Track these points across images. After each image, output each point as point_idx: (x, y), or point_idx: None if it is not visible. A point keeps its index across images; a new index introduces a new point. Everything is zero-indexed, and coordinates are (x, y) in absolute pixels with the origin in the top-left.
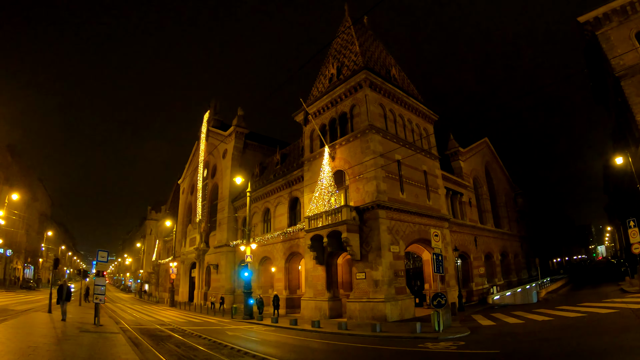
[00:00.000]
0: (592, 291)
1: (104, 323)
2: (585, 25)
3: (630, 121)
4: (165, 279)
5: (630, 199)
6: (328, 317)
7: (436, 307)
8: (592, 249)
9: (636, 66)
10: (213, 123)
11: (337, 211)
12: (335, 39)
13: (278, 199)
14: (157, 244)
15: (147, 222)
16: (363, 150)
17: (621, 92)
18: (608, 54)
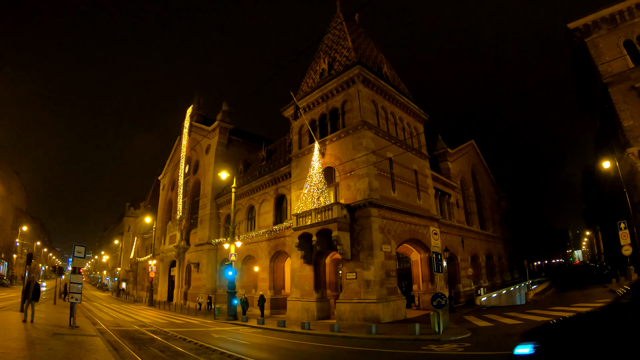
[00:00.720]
0: (579, 293)
1: (80, 324)
2: (575, 32)
3: (616, 127)
4: (144, 278)
5: (610, 204)
6: (316, 318)
7: (436, 307)
8: (569, 253)
9: (623, 73)
10: (196, 118)
11: (328, 209)
12: (326, 35)
13: (263, 196)
14: (136, 242)
15: (126, 219)
16: (355, 147)
17: (608, 98)
18: (596, 61)
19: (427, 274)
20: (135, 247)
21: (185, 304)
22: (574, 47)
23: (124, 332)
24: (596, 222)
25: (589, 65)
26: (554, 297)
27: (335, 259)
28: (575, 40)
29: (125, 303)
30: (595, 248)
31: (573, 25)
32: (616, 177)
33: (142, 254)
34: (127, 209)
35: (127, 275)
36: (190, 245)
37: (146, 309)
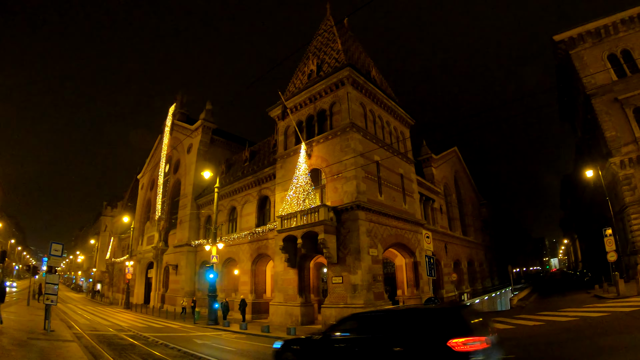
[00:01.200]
0: (563, 299)
1: (56, 328)
2: (560, 44)
3: (598, 137)
4: (120, 279)
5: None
6: (300, 323)
7: None
8: (546, 261)
9: (607, 86)
10: (179, 116)
11: (314, 211)
12: (315, 37)
13: (246, 197)
14: (112, 242)
15: (102, 218)
16: (343, 149)
17: (591, 109)
18: (580, 73)
19: (412, 279)
20: (111, 247)
21: (163, 307)
22: (558, 59)
23: (101, 337)
24: (574, 230)
25: (572, 77)
26: (539, 303)
27: (318, 263)
28: (560, 52)
29: (101, 305)
30: (572, 256)
31: (559, 38)
32: (596, 186)
33: (119, 255)
34: (104, 208)
35: (102, 276)
36: (168, 247)
37: (122, 311)
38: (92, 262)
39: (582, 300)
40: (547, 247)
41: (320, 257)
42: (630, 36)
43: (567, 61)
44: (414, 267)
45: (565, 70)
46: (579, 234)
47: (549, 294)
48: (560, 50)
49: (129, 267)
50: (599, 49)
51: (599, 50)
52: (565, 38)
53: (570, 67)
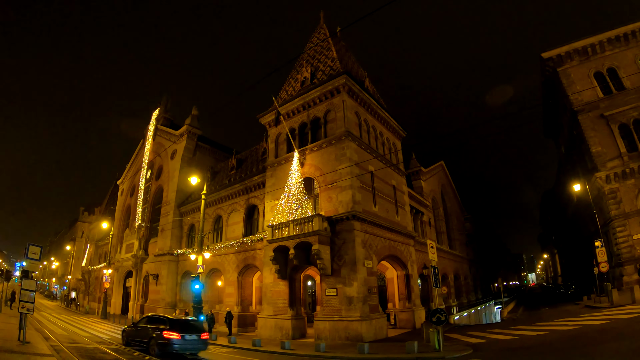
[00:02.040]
0: (553, 310)
1: (31, 339)
2: (548, 61)
3: (583, 152)
4: (96, 288)
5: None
6: (291, 337)
7: (436, 323)
8: (524, 276)
9: (593, 102)
10: (162, 121)
11: (308, 220)
12: (308, 44)
13: (232, 206)
14: (89, 249)
15: (79, 224)
16: (338, 158)
17: (577, 125)
18: (567, 90)
19: (403, 292)
20: (88, 254)
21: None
22: (545, 75)
23: (82, 350)
24: (553, 245)
25: (559, 94)
26: (529, 315)
27: (306, 275)
28: (548, 69)
29: (76, 314)
30: (551, 270)
31: (547, 55)
32: (580, 201)
33: (96, 262)
34: (80, 214)
35: (78, 284)
36: (149, 255)
37: (100, 322)
38: (67, 269)
39: (573, 311)
40: (525, 262)
41: (309, 268)
42: (616, 55)
43: (554, 78)
44: (406, 280)
45: (552, 87)
46: (558, 248)
47: (536, 307)
48: (548, 67)
49: (107, 275)
50: (586, 66)
51: (585, 68)
52: (553, 55)
53: (557, 84)
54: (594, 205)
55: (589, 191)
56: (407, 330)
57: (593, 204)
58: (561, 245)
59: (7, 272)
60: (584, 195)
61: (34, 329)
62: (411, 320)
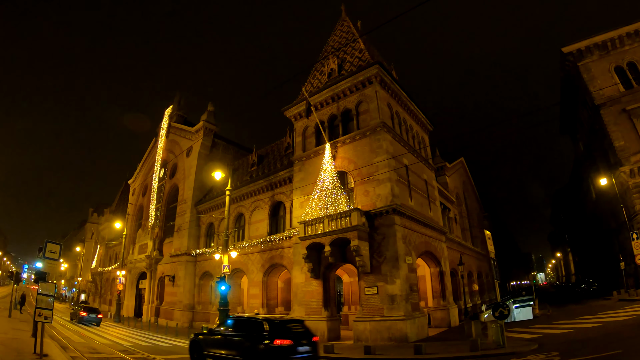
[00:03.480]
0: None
1: (48, 350)
2: (568, 56)
3: (606, 148)
4: (107, 290)
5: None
6: (326, 339)
7: (499, 318)
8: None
9: (614, 97)
10: (176, 119)
11: (345, 215)
12: (331, 37)
13: (256, 203)
14: (99, 250)
15: (88, 225)
16: (373, 150)
17: (599, 120)
18: (589, 84)
19: (438, 290)
20: (98, 256)
21: (157, 321)
22: (565, 70)
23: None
24: (566, 244)
25: (579, 89)
26: (560, 311)
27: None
28: (568, 64)
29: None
30: (563, 269)
31: (567, 50)
32: (599, 197)
33: (106, 264)
34: (90, 215)
35: (87, 286)
36: (163, 256)
37: (114, 325)
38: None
39: (610, 305)
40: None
41: (343, 266)
42: (635, 49)
43: (574, 73)
44: (440, 277)
45: (571, 83)
46: (572, 247)
47: (562, 304)
48: (568, 62)
49: (121, 277)
50: (606, 61)
51: (606, 62)
52: (573, 50)
53: (577, 78)
54: (615, 201)
55: (615, 185)
56: (443, 328)
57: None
58: (576, 243)
59: (16, 274)
60: (605, 190)
61: (48, 335)
62: (446, 319)
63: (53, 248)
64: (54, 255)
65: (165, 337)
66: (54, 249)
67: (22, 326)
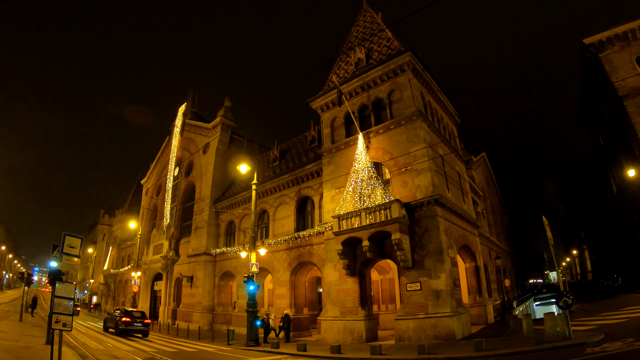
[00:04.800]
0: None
1: None
2: (589, 47)
3: (630, 139)
4: (120, 292)
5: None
6: (365, 340)
7: (563, 308)
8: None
9: (638, 88)
10: (190, 116)
11: (384, 207)
12: (354, 28)
13: (280, 199)
14: (111, 252)
15: (100, 227)
16: (410, 139)
17: (623, 112)
18: (611, 76)
19: (474, 285)
20: (110, 257)
21: (174, 323)
22: (585, 62)
23: None
24: (582, 241)
25: (600, 81)
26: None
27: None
28: (589, 56)
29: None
30: (577, 267)
31: (588, 41)
32: (620, 191)
33: (119, 265)
34: (101, 217)
35: (100, 288)
36: (180, 256)
37: None
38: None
39: None
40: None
41: (379, 261)
42: None
43: (595, 64)
44: (476, 272)
45: (592, 75)
46: (588, 243)
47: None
48: (589, 53)
49: (136, 278)
50: (627, 52)
51: (627, 53)
52: (594, 41)
53: (598, 70)
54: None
55: None
56: (481, 325)
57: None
58: (593, 240)
59: (27, 276)
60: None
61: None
62: (483, 315)
63: (73, 242)
64: (73, 250)
65: (188, 341)
66: (73, 243)
67: (34, 332)
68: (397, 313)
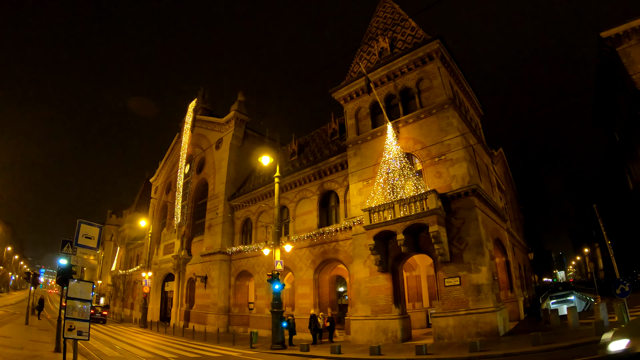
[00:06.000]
0: None
1: None
2: (606, 41)
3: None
4: (129, 293)
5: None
6: (400, 340)
7: (620, 295)
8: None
9: None
10: (201, 112)
11: (420, 198)
12: (374, 19)
13: (301, 194)
14: (119, 252)
15: (107, 227)
16: (442, 128)
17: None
18: (628, 69)
19: (505, 281)
20: (118, 258)
21: (187, 325)
22: (602, 57)
23: None
24: (594, 239)
25: (616, 76)
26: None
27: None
28: (606, 49)
29: (112, 322)
30: (588, 267)
31: (606, 34)
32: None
33: (127, 266)
34: (108, 217)
35: (107, 289)
36: (192, 256)
37: (142, 331)
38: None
39: None
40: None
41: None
42: None
43: (612, 58)
44: (506, 267)
45: (609, 69)
46: (600, 242)
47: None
48: (606, 47)
49: (147, 279)
50: None
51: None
52: (612, 35)
53: (615, 64)
54: None
55: None
56: (514, 321)
57: None
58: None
59: (34, 276)
60: None
61: None
62: (516, 311)
63: (90, 231)
64: (90, 242)
65: (207, 345)
66: (91, 232)
67: (41, 336)
68: (434, 310)
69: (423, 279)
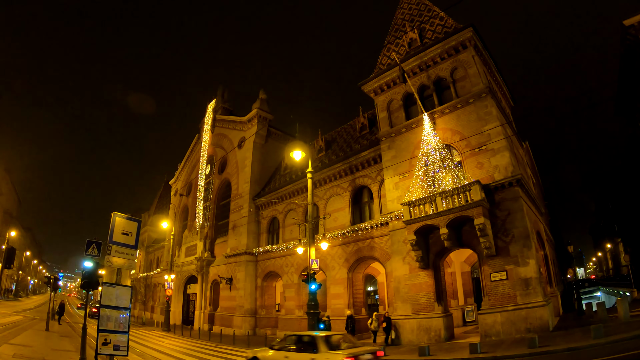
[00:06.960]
0: None
1: None
2: (630, 29)
3: None
4: (149, 297)
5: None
6: (443, 339)
7: None
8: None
9: None
10: (221, 112)
11: (463, 190)
12: (398, 10)
13: (331, 191)
14: (138, 255)
15: None
16: (481, 117)
17: None
18: None
19: (544, 275)
20: (137, 261)
21: (211, 328)
22: (625, 45)
23: None
24: (616, 234)
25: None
26: None
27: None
28: (629, 38)
29: (134, 326)
30: (608, 262)
31: (629, 22)
32: None
33: (147, 269)
34: None
35: None
36: (216, 257)
37: (166, 335)
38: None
39: None
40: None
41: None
42: None
43: (635, 47)
44: (545, 261)
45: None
46: (623, 237)
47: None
48: (630, 35)
49: (170, 281)
50: None
51: None
52: (635, 22)
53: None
54: None
55: None
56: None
57: None
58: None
59: (54, 280)
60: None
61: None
62: (556, 306)
63: (127, 226)
64: (129, 239)
65: (237, 349)
66: (128, 228)
67: (64, 344)
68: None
69: (458, 276)
